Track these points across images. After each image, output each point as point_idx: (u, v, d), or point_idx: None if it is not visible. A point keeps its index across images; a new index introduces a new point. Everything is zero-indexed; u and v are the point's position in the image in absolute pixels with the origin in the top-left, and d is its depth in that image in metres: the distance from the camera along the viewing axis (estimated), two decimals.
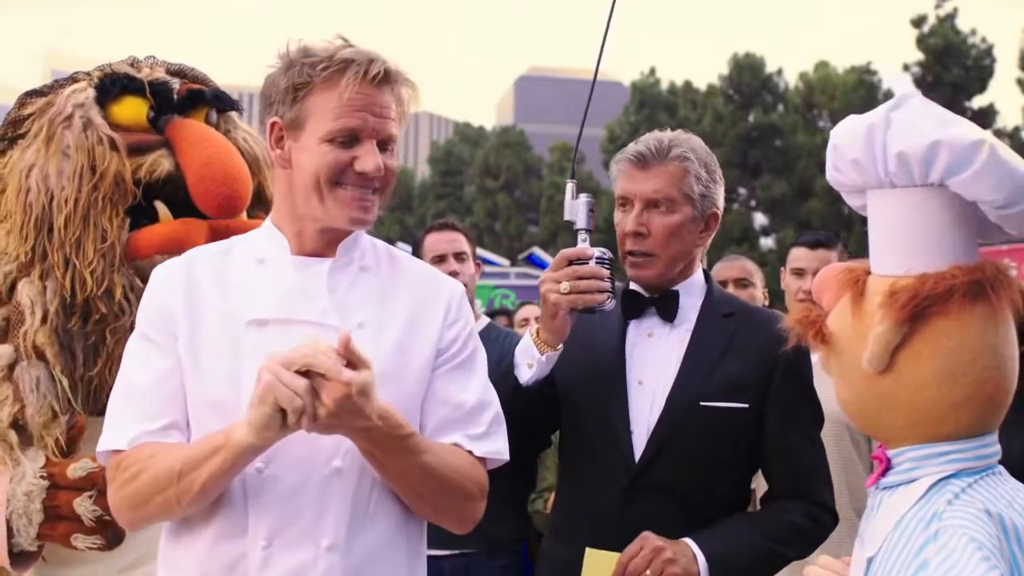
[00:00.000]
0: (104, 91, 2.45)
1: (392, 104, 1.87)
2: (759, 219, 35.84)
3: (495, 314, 7.61)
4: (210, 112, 2.61)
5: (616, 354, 2.35)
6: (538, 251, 22.85)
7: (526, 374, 2.26)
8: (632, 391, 2.32)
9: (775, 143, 35.12)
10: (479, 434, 1.93)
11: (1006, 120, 33.19)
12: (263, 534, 1.78)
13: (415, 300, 1.96)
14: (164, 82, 2.51)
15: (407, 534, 1.90)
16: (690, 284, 2.41)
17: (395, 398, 1.80)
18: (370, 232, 2.05)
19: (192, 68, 2.63)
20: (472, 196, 46.54)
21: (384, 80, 1.85)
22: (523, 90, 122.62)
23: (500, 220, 43.81)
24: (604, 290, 2.17)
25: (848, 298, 1.49)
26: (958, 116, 1.47)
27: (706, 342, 2.34)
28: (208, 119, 2.60)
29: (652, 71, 40.28)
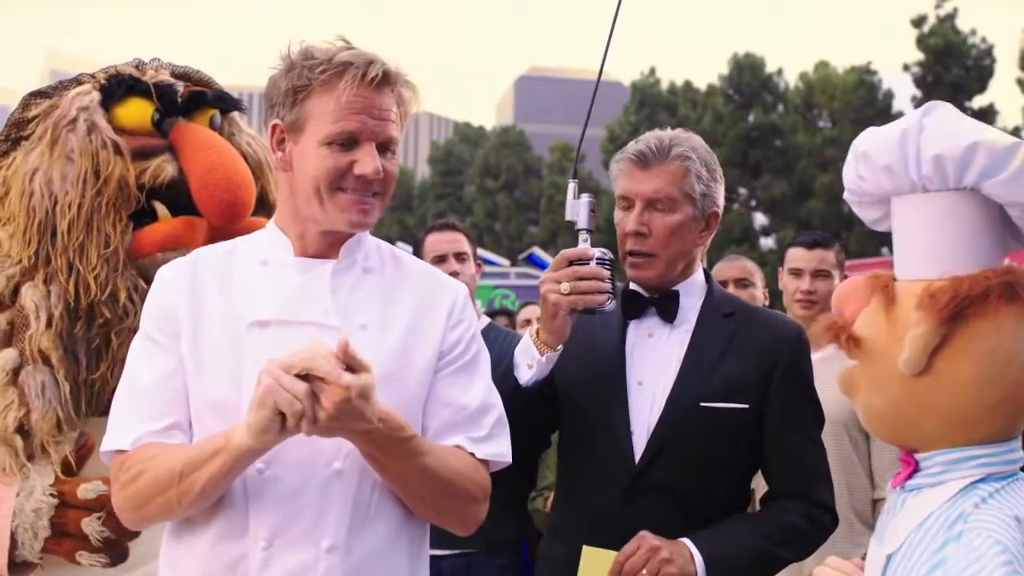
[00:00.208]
0: (109, 93, 2.44)
1: (392, 106, 1.87)
2: (759, 219, 35.78)
3: (496, 314, 7.61)
4: (214, 115, 2.60)
5: (616, 354, 2.35)
6: (538, 251, 22.80)
7: (526, 375, 2.26)
8: (632, 392, 2.32)
9: (775, 143, 35.05)
10: (482, 436, 1.92)
11: (1006, 120, 32.98)
12: (263, 535, 1.78)
13: (418, 302, 1.95)
14: (169, 84, 2.50)
15: (408, 536, 1.90)
16: (690, 284, 2.40)
17: (397, 400, 1.80)
18: (370, 232, 2.05)
19: (197, 71, 2.62)
20: (472, 196, 46.46)
21: (383, 82, 1.85)
22: (523, 90, 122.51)
23: (500, 220, 43.74)
24: (604, 291, 2.17)
25: (878, 304, 1.49)
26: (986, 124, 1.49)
27: (706, 342, 2.33)
28: (212, 122, 2.59)
29: (652, 71, 40.20)
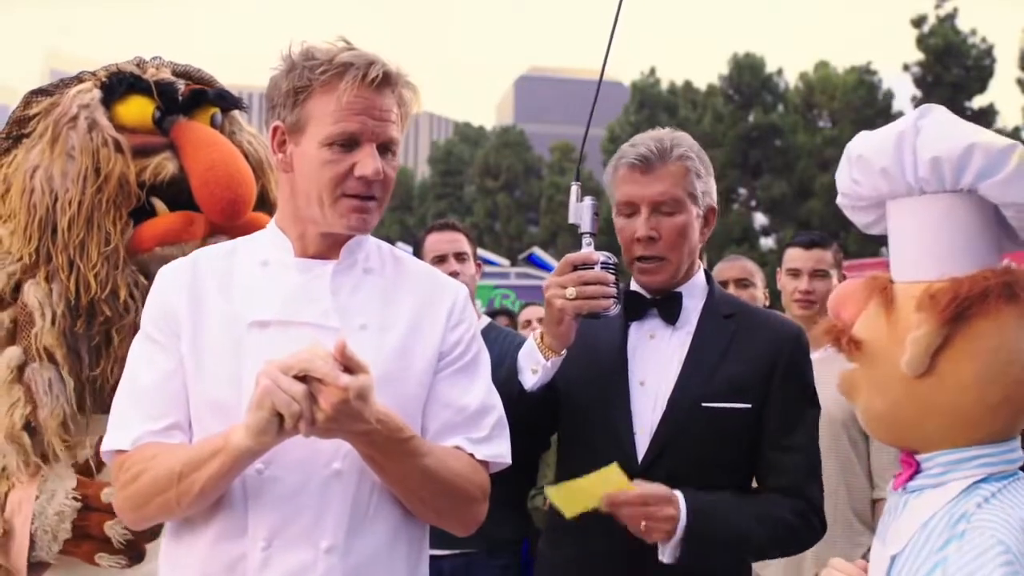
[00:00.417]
0: (110, 90, 2.45)
1: (392, 107, 1.87)
2: (759, 219, 35.80)
3: (496, 314, 7.61)
4: (215, 113, 2.61)
5: (618, 356, 2.34)
6: (538, 251, 22.78)
7: (531, 379, 2.25)
8: (634, 393, 2.32)
9: (775, 143, 35.06)
10: (481, 438, 1.92)
11: (1006, 120, 32.97)
12: (263, 535, 1.78)
13: (418, 303, 1.95)
14: (170, 82, 2.51)
15: (407, 537, 1.90)
16: (692, 286, 2.40)
17: (396, 400, 1.80)
18: (371, 233, 2.04)
19: (198, 69, 2.62)
20: (472, 196, 46.48)
21: (384, 83, 1.84)
22: (523, 90, 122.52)
23: (500, 220, 43.75)
24: (610, 295, 2.17)
25: (877, 307, 1.49)
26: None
27: (707, 343, 2.33)
28: (213, 121, 2.60)
29: (652, 71, 40.22)
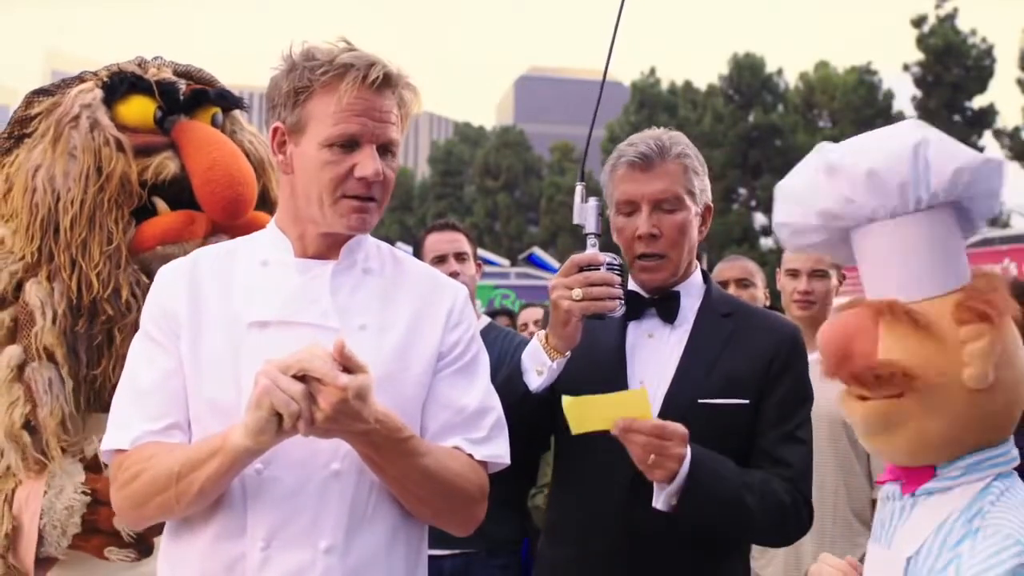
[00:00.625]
0: (112, 90, 2.45)
1: (393, 108, 1.87)
2: (759, 219, 35.81)
3: (496, 314, 7.62)
4: (216, 113, 2.61)
5: (617, 355, 2.35)
6: (538, 251, 22.81)
7: (535, 381, 2.25)
8: None
9: (775, 143, 35.09)
10: (480, 438, 1.93)
11: (1006, 120, 32.94)
12: (261, 535, 1.79)
13: (418, 303, 1.96)
14: (171, 82, 2.51)
15: (406, 537, 1.91)
16: (689, 285, 2.41)
17: (395, 401, 1.81)
18: (370, 233, 2.05)
19: (199, 69, 2.63)
20: (472, 196, 46.52)
21: (384, 84, 1.85)
22: (523, 90, 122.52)
23: (500, 220, 43.79)
24: (616, 296, 2.17)
25: (907, 330, 1.47)
26: None
27: (705, 342, 2.34)
28: (214, 120, 2.60)
29: (652, 71, 40.27)
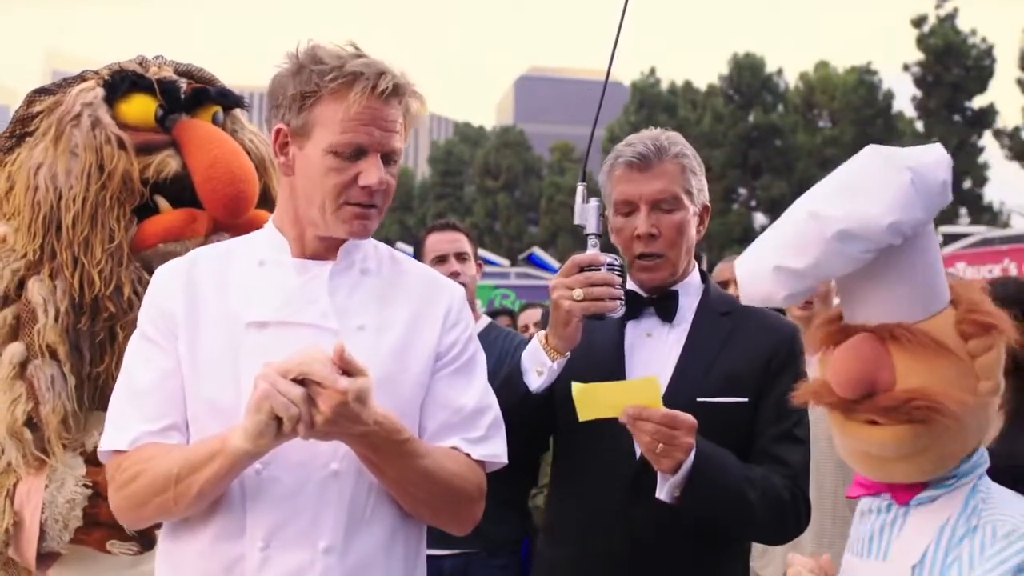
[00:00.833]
0: (113, 88, 2.46)
1: (398, 117, 1.87)
2: (759, 219, 35.82)
3: (496, 314, 7.62)
4: (217, 112, 2.62)
5: (615, 354, 2.35)
6: (538, 251, 22.82)
7: (536, 381, 2.25)
8: None
9: (775, 143, 35.11)
10: (478, 438, 1.93)
11: (1006, 120, 32.94)
12: (261, 535, 1.79)
13: (416, 303, 1.96)
14: (172, 81, 2.52)
15: (405, 537, 1.91)
16: (687, 284, 2.41)
17: (394, 401, 1.81)
18: None
19: (200, 68, 2.64)
20: (472, 196, 46.53)
21: (392, 93, 1.84)
22: (523, 90, 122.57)
23: (500, 220, 43.80)
24: (616, 297, 2.17)
25: (924, 355, 1.49)
26: None
27: (703, 340, 2.34)
28: (215, 119, 2.61)
29: (652, 71, 40.29)
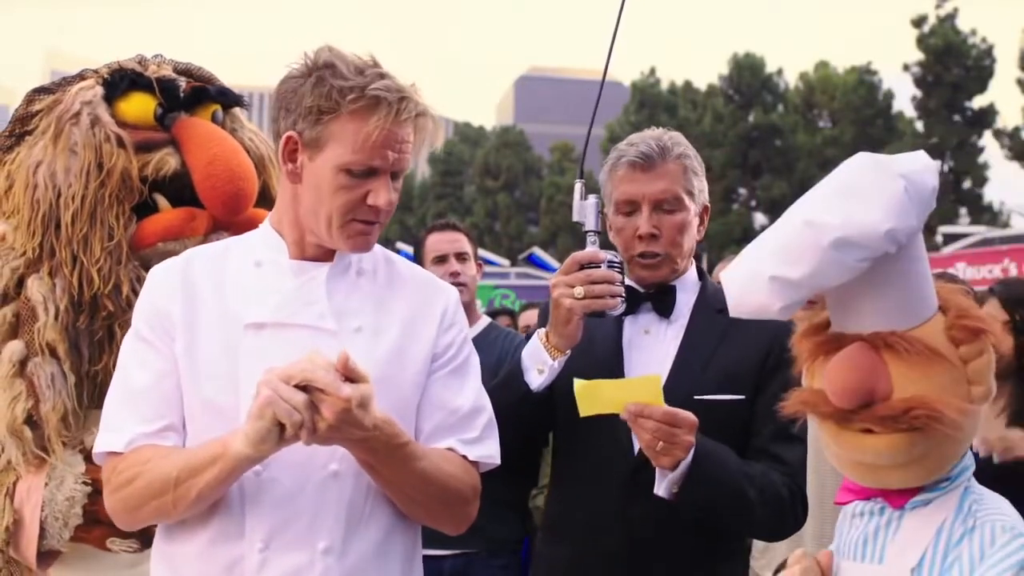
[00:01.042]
0: (112, 87, 2.46)
1: (410, 137, 1.86)
2: (759, 219, 35.85)
3: (496, 314, 7.62)
4: (216, 110, 2.62)
5: (614, 351, 2.35)
6: (538, 251, 22.85)
7: (537, 380, 2.25)
8: None
9: (775, 143, 35.16)
10: (473, 439, 1.94)
11: (1006, 120, 32.99)
12: (260, 536, 1.79)
13: (411, 305, 1.97)
14: (171, 79, 2.52)
15: (402, 536, 1.92)
16: (684, 280, 2.42)
17: (391, 403, 1.81)
18: None
19: (199, 67, 2.64)
20: (472, 196, 46.59)
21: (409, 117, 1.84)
22: (523, 90, 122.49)
23: (500, 220, 43.85)
24: (617, 294, 2.17)
25: (918, 362, 1.49)
26: None
27: (700, 337, 2.34)
28: (214, 117, 2.61)
29: (652, 71, 40.34)
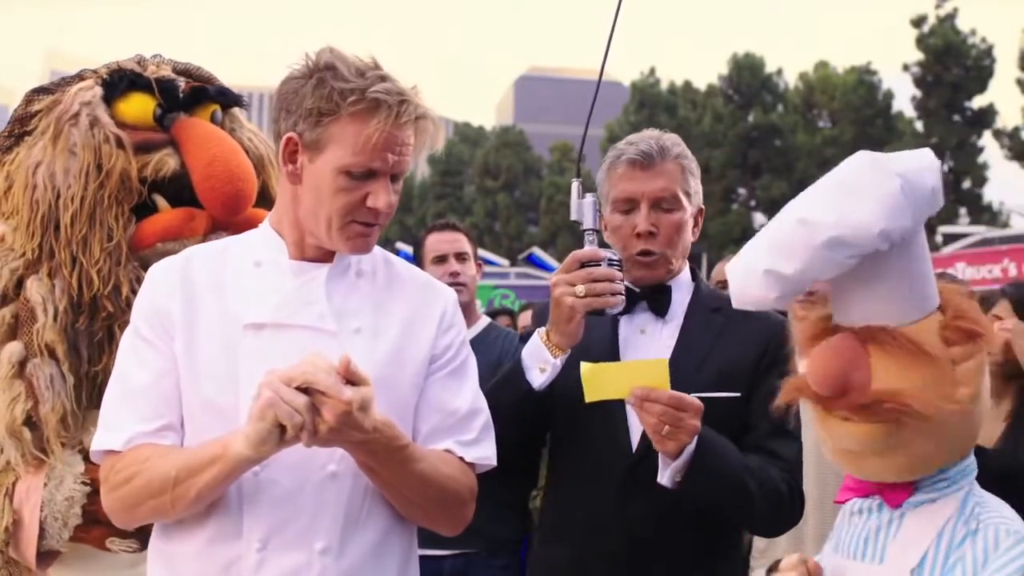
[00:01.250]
0: (111, 88, 2.46)
1: (410, 140, 1.86)
2: (759, 219, 35.84)
3: (496, 314, 7.62)
4: (215, 111, 2.62)
5: (610, 350, 2.35)
6: (538, 251, 22.86)
7: (539, 378, 2.25)
8: None
9: (775, 143, 35.15)
10: (470, 440, 1.95)
11: (1006, 120, 32.99)
12: (258, 536, 1.79)
13: (410, 306, 1.97)
14: (170, 80, 2.52)
15: (399, 537, 1.92)
16: (679, 280, 2.43)
17: (390, 404, 1.81)
18: None
19: (198, 67, 2.64)
20: (472, 196, 46.59)
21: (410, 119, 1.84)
22: (523, 90, 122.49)
23: (500, 220, 43.85)
24: (617, 292, 2.17)
25: (903, 357, 1.49)
26: None
27: (695, 336, 2.35)
28: (214, 117, 2.61)
29: (652, 71, 40.33)
